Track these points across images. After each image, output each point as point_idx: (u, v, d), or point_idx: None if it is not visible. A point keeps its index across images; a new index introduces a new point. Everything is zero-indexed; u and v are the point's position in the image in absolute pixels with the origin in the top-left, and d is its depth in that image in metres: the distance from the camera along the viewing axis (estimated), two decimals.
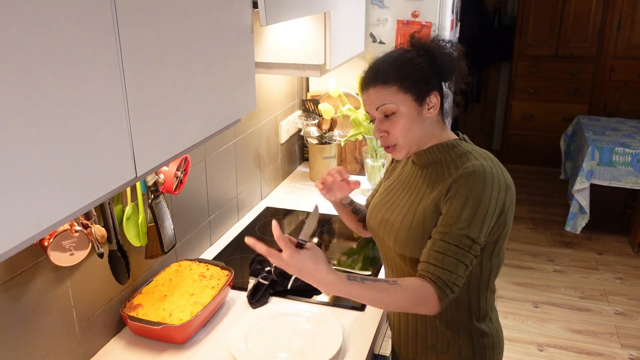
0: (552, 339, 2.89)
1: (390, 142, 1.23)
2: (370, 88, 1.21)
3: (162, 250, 1.46)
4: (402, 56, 1.21)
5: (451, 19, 2.47)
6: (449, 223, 1.12)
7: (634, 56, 4.60)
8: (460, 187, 1.14)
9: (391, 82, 1.18)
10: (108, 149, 0.78)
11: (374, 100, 1.20)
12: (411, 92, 1.18)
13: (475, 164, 1.16)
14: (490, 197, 1.12)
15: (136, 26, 0.81)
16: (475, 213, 1.11)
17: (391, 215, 1.28)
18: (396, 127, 1.20)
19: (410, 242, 1.21)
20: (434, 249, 1.13)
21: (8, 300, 1.09)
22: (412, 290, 1.09)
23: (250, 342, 1.35)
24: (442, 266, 1.11)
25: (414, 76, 1.18)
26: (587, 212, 3.49)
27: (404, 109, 1.18)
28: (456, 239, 1.11)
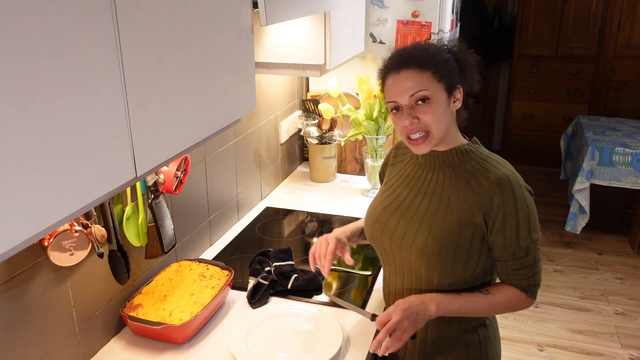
0: (552, 339, 2.89)
1: (421, 129, 1.17)
2: (402, 71, 1.16)
3: (162, 250, 1.46)
4: (432, 47, 1.20)
5: (451, 19, 2.47)
6: (513, 243, 1.16)
7: (634, 56, 4.60)
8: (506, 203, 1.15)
9: (426, 67, 1.15)
10: (108, 149, 0.78)
11: (408, 86, 1.15)
12: (444, 81, 1.16)
13: (505, 172, 1.18)
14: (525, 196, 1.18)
15: (136, 26, 0.81)
16: (529, 220, 1.16)
17: (410, 224, 1.23)
18: (428, 115, 1.16)
19: (442, 254, 1.19)
20: (510, 270, 1.19)
21: (8, 300, 1.09)
22: (507, 298, 1.20)
23: (250, 342, 1.35)
24: (525, 277, 1.19)
25: (446, 66, 1.17)
26: (587, 212, 3.49)
27: (437, 97, 1.16)
28: (525, 250, 1.18)
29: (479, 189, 1.17)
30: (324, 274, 1.36)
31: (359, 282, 1.63)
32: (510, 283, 1.20)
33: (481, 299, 1.19)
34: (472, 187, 1.18)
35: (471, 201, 1.18)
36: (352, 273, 1.67)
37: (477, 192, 1.17)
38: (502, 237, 1.16)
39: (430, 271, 1.22)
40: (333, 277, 1.66)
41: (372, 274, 1.67)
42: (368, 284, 1.62)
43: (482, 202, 1.16)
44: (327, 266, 1.35)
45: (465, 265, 1.19)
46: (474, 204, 1.17)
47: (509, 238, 1.16)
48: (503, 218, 1.15)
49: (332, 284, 1.62)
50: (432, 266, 1.21)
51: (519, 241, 1.16)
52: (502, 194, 1.15)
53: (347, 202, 2.22)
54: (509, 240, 1.16)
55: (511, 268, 1.19)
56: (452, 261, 1.18)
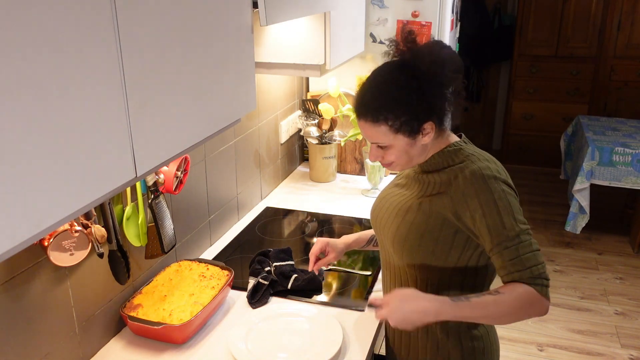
0: (552, 339, 2.89)
1: (386, 163, 1.26)
2: (360, 120, 1.21)
3: (162, 250, 1.46)
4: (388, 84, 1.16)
5: (451, 19, 2.47)
6: (499, 233, 1.12)
7: (634, 56, 4.60)
8: (479, 194, 1.13)
9: (381, 121, 1.16)
10: (108, 149, 0.78)
11: (367, 135, 1.22)
12: (402, 132, 1.17)
13: (480, 166, 1.17)
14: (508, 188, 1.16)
15: (136, 26, 0.81)
16: (511, 209, 1.13)
17: (392, 214, 1.28)
18: (390, 157, 1.23)
19: (409, 239, 1.22)
20: (506, 260, 1.12)
21: (8, 300, 1.09)
22: (517, 296, 1.09)
23: (250, 342, 1.35)
24: (525, 267, 1.11)
25: (402, 112, 1.14)
26: (587, 212, 3.49)
27: (398, 144, 1.19)
28: (516, 239, 1.12)
29: (455, 185, 1.18)
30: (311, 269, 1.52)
31: (359, 282, 1.63)
32: (513, 277, 1.11)
33: (491, 300, 1.10)
34: (450, 183, 1.19)
35: (445, 195, 1.19)
36: (352, 273, 1.67)
37: (452, 188, 1.18)
38: (486, 227, 1.13)
39: (399, 256, 1.26)
40: (333, 277, 1.66)
41: (372, 274, 1.67)
42: (368, 284, 1.62)
43: (454, 197, 1.17)
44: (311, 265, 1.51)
45: (433, 255, 1.20)
46: (446, 198, 1.18)
47: (494, 227, 1.12)
48: (482, 209, 1.13)
49: (332, 284, 1.62)
50: (400, 250, 1.24)
51: (505, 230, 1.12)
52: (475, 187, 1.14)
53: (347, 202, 2.22)
54: (494, 230, 1.12)
55: (507, 258, 1.12)
56: (418, 246, 1.21)
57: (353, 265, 1.72)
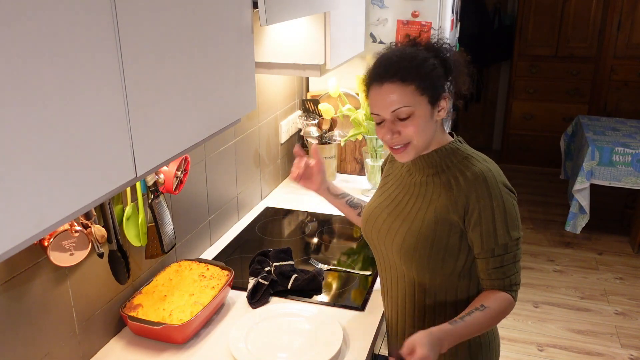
0: (552, 339, 2.89)
1: (402, 142, 1.18)
2: (385, 84, 1.14)
3: (162, 250, 1.46)
4: (417, 55, 1.16)
5: (451, 19, 2.47)
6: (490, 240, 1.15)
7: (634, 56, 4.60)
8: (477, 203, 1.14)
9: (409, 80, 1.13)
10: (108, 149, 0.78)
11: (390, 101, 1.14)
12: (427, 94, 1.14)
13: (481, 168, 1.17)
14: (503, 193, 1.16)
15: (136, 26, 0.81)
16: (506, 218, 1.15)
17: (395, 221, 1.26)
18: (410, 129, 1.15)
19: (419, 249, 1.20)
20: (490, 267, 1.17)
21: (8, 300, 1.09)
22: (499, 308, 1.16)
23: (250, 342, 1.35)
24: (505, 276, 1.17)
25: (431, 77, 1.15)
26: (587, 212, 3.49)
27: (420, 111, 1.15)
28: (504, 248, 1.15)
29: (456, 187, 1.18)
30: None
31: (359, 282, 1.63)
32: (492, 284, 1.18)
33: (484, 318, 1.14)
34: (451, 186, 1.19)
35: (448, 199, 1.18)
36: (352, 273, 1.67)
37: (454, 190, 1.18)
38: (479, 233, 1.15)
39: (409, 267, 1.24)
40: (333, 277, 1.66)
41: (372, 274, 1.67)
42: (368, 284, 1.62)
43: (458, 200, 1.17)
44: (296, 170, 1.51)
45: (443, 262, 1.20)
46: (450, 202, 1.18)
47: (486, 235, 1.14)
48: (479, 214, 1.14)
49: (332, 284, 1.62)
50: (410, 262, 1.23)
51: (497, 238, 1.14)
52: (477, 191, 1.15)
53: None
54: (485, 237, 1.15)
55: (491, 266, 1.16)
56: (428, 257, 1.20)
57: (353, 265, 1.72)
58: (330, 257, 1.77)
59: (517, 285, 1.19)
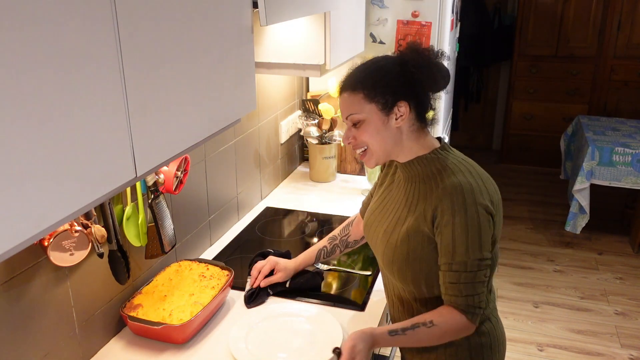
0: (552, 339, 2.89)
1: (358, 147, 1.23)
2: (341, 94, 1.22)
3: (162, 250, 1.46)
4: (375, 64, 1.21)
5: (451, 19, 2.47)
6: (448, 253, 1.15)
7: (634, 56, 4.60)
8: (444, 213, 1.14)
9: (358, 89, 1.18)
10: (108, 149, 0.78)
11: (343, 108, 1.22)
12: (376, 102, 1.17)
13: (453, 182, 1.15)
14: (477, 212, 1.13)
15: (136, 26, 0.81)
16: (467, 236, 1.13)
17: (382, 231, 1.29)
18: (363, 135, 1.21)
19: (396, 261, 1.23)
20: (447, 281, 1.16)
21: (8, 300, 1.09)
22: (448, 326, 1.16)
23: (250, 342, 1.35)
24: (461, 294, 1.15)
25: (380, 84, 1.17)
26: (587, 212, 3.49)
27: (370, 118, 1.18)
28: (462, 265, 1.14)
29: (429, 198, 1.18)
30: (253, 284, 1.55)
31: (359, 282, 1.63)
32: (449, 300, 1.16)
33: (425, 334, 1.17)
34: (427, 195, 1.19)
35: (423, 210, 1.19)
36: (352, 273, 1.68)
37: (429, 200, 1.18)
38: (440, 243, 1.16)
39: (392, 276, 1.27)
40: (333, 277, 1.66)
41: (372, 274, 1.67)
42: (368, 284, 1.62)
43: (428, 211, 1.18)
44: (253, 280, 1.55)
45: (421, 272, 1.21)
46: (423, 212, 1.19)
47: (445, 247, 1.14)
48: (444, 225, 1.14)
49: (332, 284, 1.62)
50: (392, 272, 1.26)
51: (454, 254, 1.13)
52: (444, 203, 1.14)
53: (347, 202, 2.22)
54: (444, 250, 1.15)
55: (448, 280, 1.15)
56: (405, 269, 1.22)
57: (353, 265, 1.72)
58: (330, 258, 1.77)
59: (476, 308, 1.15)
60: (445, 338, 1.19)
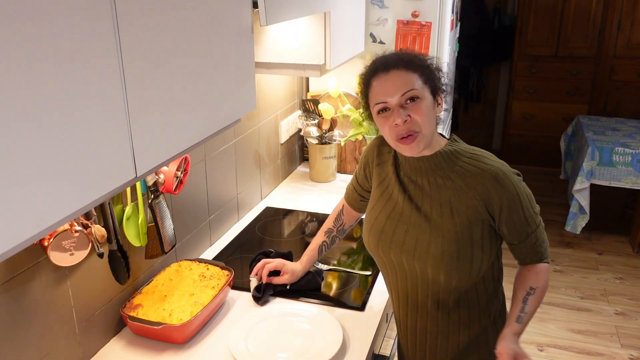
0: (552, 339, 2.89)
1: (413, 128, 1.16)
2: (391, 71, 1.17)
3: (162, 250, 1.46)
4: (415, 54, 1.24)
5: (451, 19, 2.47)
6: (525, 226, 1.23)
7: (634, 56, 4.60)
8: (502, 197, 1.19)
9: (413, 69, 1.18)
10: (108, 149, 0.78)
11: (399, 84, 1.16)
12: (429, 84, 1.20)
13: (492, 168, 1.21)
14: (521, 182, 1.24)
15: (136, 26, 0.81)
16: (528, 202, 1.23)
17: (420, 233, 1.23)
18: (419, 113, 1.16)
19: (461, 254, 1.20)
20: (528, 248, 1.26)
21: (8, 300, 1.09)
22: (545, 281, 1.27)
23: (250, 342, 1.35)
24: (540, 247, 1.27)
25: (430, 70, 1.21)
26: (587, 212, 3.49)
27: (425, 97, 1.18)
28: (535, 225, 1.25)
29: (478, 187, 1.20)
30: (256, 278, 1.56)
31: (359, 282, 1.63)
32: (532, 260, 1.27)
33: (537, 300, 1.24)
34: (470, 186, 1.21)
35: (473, 199, 1.20)
36: (352, 273, 1.68)
37: (477, 190, 1.20)
38: (513, 225, 1.22)
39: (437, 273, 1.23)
40: (333, 277, 1.66)
41: (372, 274, 1.67)
42: (368, 284, 1.62)
43: (484, 199, 1.20)
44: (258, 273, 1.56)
45: (481, 261, 1.23)
46: (476, 201, 1.20)
47: (519, 223, 1.22)
48: (508, 209, 1.20)
49: (332, 284, 1.62)
50: (438, 273, 1.22)
51: (527, 222, 1.23)
52: (501, 188, 1.19)
53: None
54: (519, 226, 1.22)
55: (530, 245, 1.25)
56: (470, 261, 1.21)
57: (353, 265, 1.72)
58: (330, 257, 1.77)
59: (548, 249, 1.28)
60: (545, 291, 1.27)
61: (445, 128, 2.88)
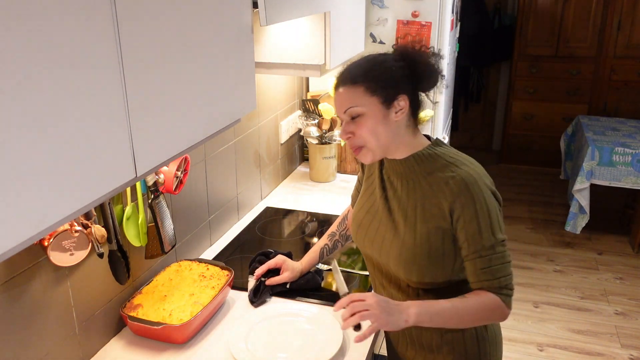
0: (552, 339, 2.89)
1: (356, 144, 1.21)
2: (339, 88, 1.21)
3: (162, 250, 1.46)
4: (375, 59, 1.21)
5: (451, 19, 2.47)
6: (476, 241, 1.16)
7: (634, 56, 4.60)
8: (464, 205, 1.15)
9: (359, 82, 1.17)
10: (108, 149, 0.78)
11: (342, 102, 1.19)
12: (378, 95, 1.17)
13: (463, 174, 1.16)
14: (490, 196, 1.17)
15: (136, 26, 0.81)
16: (490, 220, 1.15)
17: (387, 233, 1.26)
18: (362, 129, 1.18)
19: (417, 261, 1.21)
20: (478, 268, 1.17)
21: (8, 300, 1.09)
22: (482, 303, 1.16)
23: (250, 342, 1.35)
24: (494, 277, 1.16)
25: (382, 78, 1.17)
26: (587, 212, 3.49)
27: (371, 111, 1.17)
28: (491, 249, 1.15)
29: (442, 192, 1.18)
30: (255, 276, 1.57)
31: (359, 282, 1.63)
32: (482, 286, 1.17)
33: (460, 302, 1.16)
34: (436, 192, 1.19)
35: (436, 206, 1.19)
36: (352, 273, 1.68)
37: (440, 196, 1.18)
38: (465, 235, 1.16)
39: (408, 275, 1.25)
40: (333, 277, 1.66)
41: None
42: (368, 284, 1.62)
43: (445, 207, 1.17)
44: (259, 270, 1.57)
45: (443, 266, 1.21)
46: (439, 208, 1.18)
47: (472, 237, 1.16)
48: (464, 217, 1.15)
49: (332, 284, 1.62)
50: (409, 271, 1.24)
51: (482, 240, 1.15)
52: (461, 194, 1.15)
53: (347, 202, 2.21)
54: (471, 239, 1.16)
55: (479, 266, 1.16)
56: (427, 266, 1.21)
57: (353, 265, 1.72)
58: (331, 257, 1.77)
59: (508, 290, 1.17)
60: (478, 317, 1.17)
61: (445, 128, 2.88)
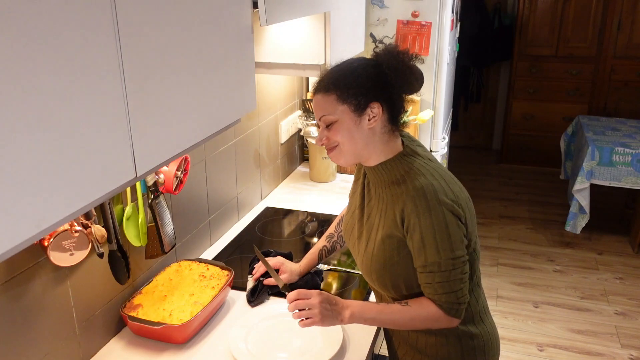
0: (552, 339, 2.89)
1: (331, 145, 1.22)
2: (315, 95, 1.22)
3: (162, 250, 1.46)
4: (349, 65, 1.21)
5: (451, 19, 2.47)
6: (421, 255, 1.16)
7: (634, 56, 4.60)
8: (410, 216, 1.15)
9: (331, 90, 1.18)
10: (108, 149, 0.78)
11: (317, 109, 1.21)
12: (349, 103, 1.17)
13: (416, 185, 1.15)
14: (442, 212, 1.13)
15: (136, 26, 0.81)
16: (436, 237, 1.13)
17: (360, 238, 1.29)
18: (335, 136, 1.19)
19: (375, 270, 1.23)
20: (423, 282, 1.18)
21: (8, 300, 1.09)
22: (424, 313, 1.18)
23: (250, 342, 1.35)
24: (437, 293, 1.16)
25: (353, 86, 1.17)
26: (587, 212, 3.49)
27: (343, 119, 1.18)
28: (436, 265, 1.15)
29: (397, 202, 1.18)
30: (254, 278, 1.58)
31: (359, 282, 1.64)
32: (428, 296, 1.18)
33: (398, 311, 1.19)
34: (395, 200, 1.19)
35: (392, 215, 1.19)
36: (352, 273, 1.68)
37: (397, 205, 1.18)
38: (412, 246, 1.17)
39: (371, 282, 1.28)
40: (333, 277, 1.66)
41: None
42: (368, 284, 1.62)
43: (398, 213, 1.17)
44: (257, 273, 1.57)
45: (405, 276, 1.20)
46: (394, 216, 1.18)
47: (417, 250, 1.15)
48: (412, 228, 1.15)
49: (332, 284, 1.62)
50: (371, 280, 1.27)
51: (426, 255, 1.14)
52: (410, 204, 1.15)
53: (347, 202, 2.21)
54: (416, 252, 1.16)
55: (424, 281, 1.17)
56: (385, 275, 1.22)
57: (353, 265, 1.72)
58: (330, 257, 1.77)
59: (454, 304, 1.16)
60: (417, 323, 1.19)
61: (445, 128, 2.88)
